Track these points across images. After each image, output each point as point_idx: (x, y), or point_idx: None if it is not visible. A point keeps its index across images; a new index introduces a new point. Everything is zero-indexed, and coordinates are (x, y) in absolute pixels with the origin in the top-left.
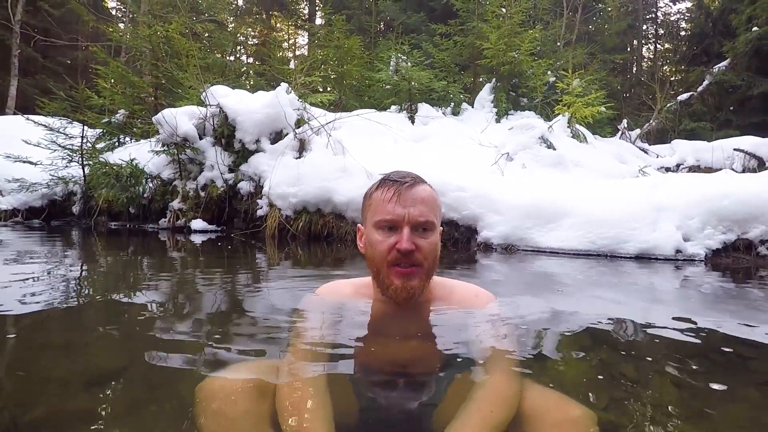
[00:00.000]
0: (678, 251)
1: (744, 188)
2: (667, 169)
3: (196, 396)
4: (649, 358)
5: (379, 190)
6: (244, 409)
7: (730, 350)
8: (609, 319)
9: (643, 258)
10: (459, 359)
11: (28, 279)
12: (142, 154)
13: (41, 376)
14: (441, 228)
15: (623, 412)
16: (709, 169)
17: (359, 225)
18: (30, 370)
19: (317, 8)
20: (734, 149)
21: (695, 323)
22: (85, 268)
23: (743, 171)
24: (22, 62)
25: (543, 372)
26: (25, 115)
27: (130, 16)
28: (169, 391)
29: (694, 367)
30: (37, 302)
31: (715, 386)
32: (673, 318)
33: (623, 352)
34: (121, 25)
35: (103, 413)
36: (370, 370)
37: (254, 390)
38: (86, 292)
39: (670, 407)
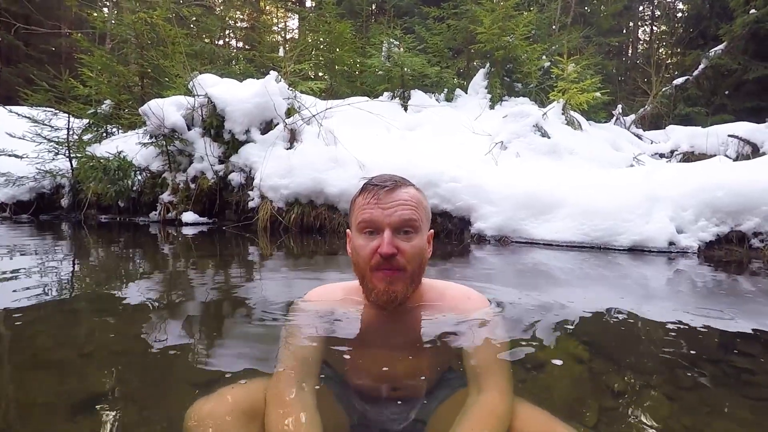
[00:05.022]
0: (671, 243)
1: (738, 179)
2: (662, 155)
3: (186, 422)
4: (640, 368)
5: (361, 195)
6: None
7: (723, 360)
8: (602, 320)
9: (636, 250)
10: (451, 373)
11: (13, 279)
12: (130, 146)
13: (26, 401)
14: (431, 231)
15: (613, 430)
16: (704, 155)
17: (348, 230)
18: (15, 393)
19: None
20: (729, 135)
21: (687, 324)
22: (72, 267)
23: (737, 157)
24: (4, 50)
25: (534, 383)
26: (8, 107)
27: (114, 0)
28: (159, 411)
29: (686, 378)
30: (22, 312)
31: (707, 400)
32: (666, 317)
33: (614, 361)
34: (105, 11)
35: None
36: (361, 386)
37: (243, 414)
38: (73, 297)
39: (660, 423)
